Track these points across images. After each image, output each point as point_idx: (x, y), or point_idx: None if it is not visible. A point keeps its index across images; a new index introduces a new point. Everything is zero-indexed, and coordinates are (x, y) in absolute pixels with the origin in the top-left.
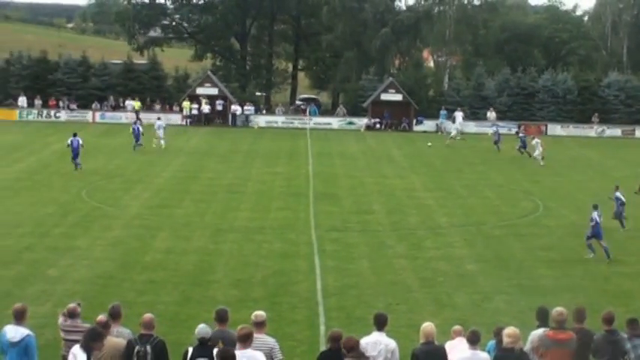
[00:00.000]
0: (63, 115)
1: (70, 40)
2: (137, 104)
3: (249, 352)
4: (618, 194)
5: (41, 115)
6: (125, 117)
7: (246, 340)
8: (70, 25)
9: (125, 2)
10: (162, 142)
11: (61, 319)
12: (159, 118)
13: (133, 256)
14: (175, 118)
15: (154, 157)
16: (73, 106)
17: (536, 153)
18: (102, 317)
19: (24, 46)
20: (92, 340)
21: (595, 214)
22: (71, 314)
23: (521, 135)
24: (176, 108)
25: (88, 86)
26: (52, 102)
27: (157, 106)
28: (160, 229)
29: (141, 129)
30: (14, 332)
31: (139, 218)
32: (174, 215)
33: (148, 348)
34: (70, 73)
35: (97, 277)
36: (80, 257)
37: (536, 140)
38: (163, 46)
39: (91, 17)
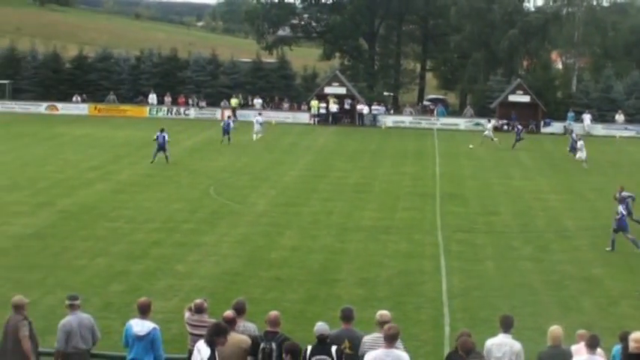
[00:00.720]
0: (192, 113)
1: (200, 39)
2: (234, 102)
3: (394, 352)
4: (625, 194)
5: (171, 113)
6: (253, 115)
7: (393, 339)
8: (199, 24)
9: (255, 1)
10: (255, 135)
11: (187, 314)
12: (260, 114)
13: (260, 253)
14: (303, 117)
15: (281, 156)
16: (202, 103)
17: (580, 155)
18: (229, 313)
19: (154, 44)
20: (216, 335)
21: (621, 208)
22: (198, 309)
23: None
24: (304, 107)
25: (217, 84)
26: (181, 99)
27: (285, 105)
28: (287, 226)
29: (232, 125)
30: (140, 326)
31: (266, 216)
32: (301, 213)
33: (274, 345)
34: (200, 71)
35: (224, 273)
36: (207, 253)
37: (580, 143)
38: (292, 45)
39: (220, 16)
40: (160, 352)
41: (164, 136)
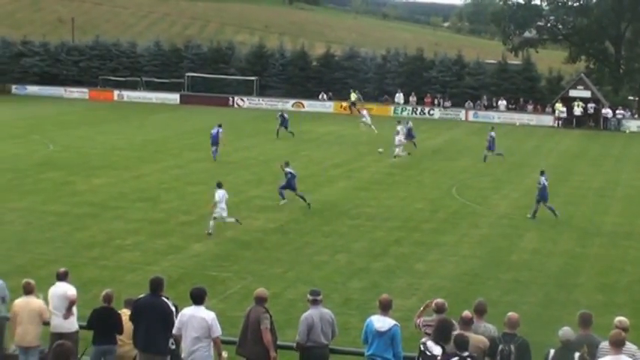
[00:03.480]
0: (437, 113)
1: (445, 39)
2: (353, 96)
3: (622, 358)
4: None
5: (415, 112)
6: (497, 117)
7: (619, 345)
8: (445, 24)
9: (501, 3)
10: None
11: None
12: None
13: (500, 254)
14: (547, 120)
15: (524, 158)
16: (447, 104)
17: None
18: (467, 313)
19: (400, 44)
20: (444, 336)
21: (542, 179)
22: (440, 309)
23: None
24: (548, 109)
25: (462, 85)
26: (427, 99)
27: (529, 107)
28: (527, 229)
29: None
30: (382, 322)
31: (507, 218)
32: (542, 216)
33: (512, 347)
34: (445, 72)
35: (463, 273)
36: (447, 253)
37: None
38: (537, 48)
39: (466, 17)
40: (399, 350)
41: (218, 131)
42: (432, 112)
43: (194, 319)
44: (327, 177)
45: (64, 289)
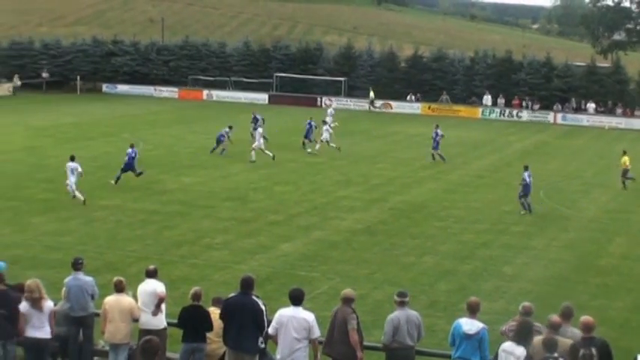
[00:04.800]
0: (525, 115)
1: (534, 41)
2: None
3: None
4: (525, 175)
5: (503, 114)
6: (586, 120)
7: None
8: (534, 26)
9: (590, 5)
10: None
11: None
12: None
13: (588, 259)
14: (636, 123)
15: (613, 161)
16: (536, 106)
17: None
18: (556, 318)
19: (489, 46)
20: (525, 336)
21: (525, 175)
22: (527, 313)
23: None
24: (638, 112)
25: (551, 87)
26: (515, 101)
27: (618, 110)
28: (617, 233)
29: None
30: (470, 325)
31: (596, 222)
32: (631, 221)
33: (594, 350)
34: (534, 74)
35: (551, 277)
36: (535, 257)
37: None
38: (627, 50)
39: (555, 19)
40: (487, 353)
41: (225, 132)
42: (520, 114)
43: (294, 320)
44: (416, 178)
45: (153, 287)
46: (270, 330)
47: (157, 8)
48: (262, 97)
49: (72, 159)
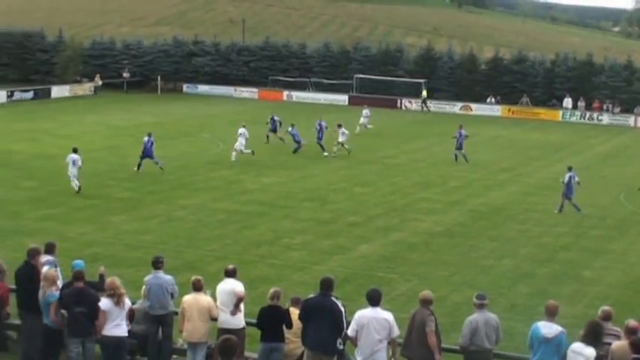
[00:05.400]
0: (605, 119)
1: (615, 44)
2: (424, 93)
3: None
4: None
5: (584, 117)
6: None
7: None
8: (615, 29)
9: None
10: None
11: None
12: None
13: None
14: None
15: None
16: (616, 109)
17: None
18: (632, 322)
19: (569, 48)
20: (595, 337)
21: (567, 175)
22: (607, 317)
23: None
24: None
25: (632, 90)
26: (595, 104)
27: None
28: None
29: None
30: (549, 328)
31: None
32: None
33: None
34: (614, 77)
35: (631, 282)
36: (615, 261)
37: None
38: None
39: (636, 22)
40: None
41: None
42: (600, 117)
43: (375, 321)
44: (495, 181)
45: (232, 286)
46: (350, 332)
47: (238, 9)
48: (342, 99)
49: (74, 151)
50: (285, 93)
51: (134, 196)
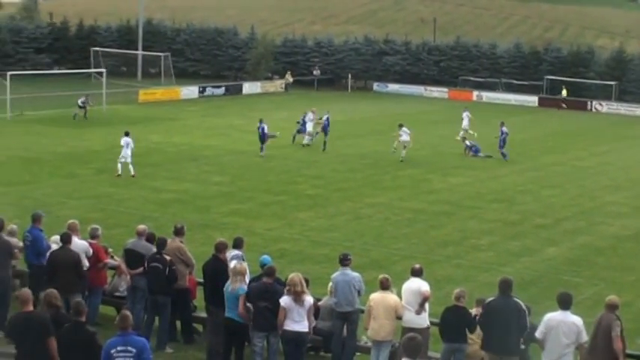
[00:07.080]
0: None
1: None
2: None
3: None
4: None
5: None
6: None
7: None
8: None
9: None
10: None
11: None
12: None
13: None
14: None
15: None
16: None
17: None
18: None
19: None
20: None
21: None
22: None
23: None
24: None
25: None
26: None
27: None
28: None
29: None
30: None
31: None
32: None
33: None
34: None
35: None
36: None
37: None
38: None
39: None
40: None
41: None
42: None
43: (564, 325)
44: None
45: (417, 285)
46: (538, 334)
47: (429, 8)
48: (532, 100)
49: (126, 134)
50: (475, 93)
51: (322, 193)
